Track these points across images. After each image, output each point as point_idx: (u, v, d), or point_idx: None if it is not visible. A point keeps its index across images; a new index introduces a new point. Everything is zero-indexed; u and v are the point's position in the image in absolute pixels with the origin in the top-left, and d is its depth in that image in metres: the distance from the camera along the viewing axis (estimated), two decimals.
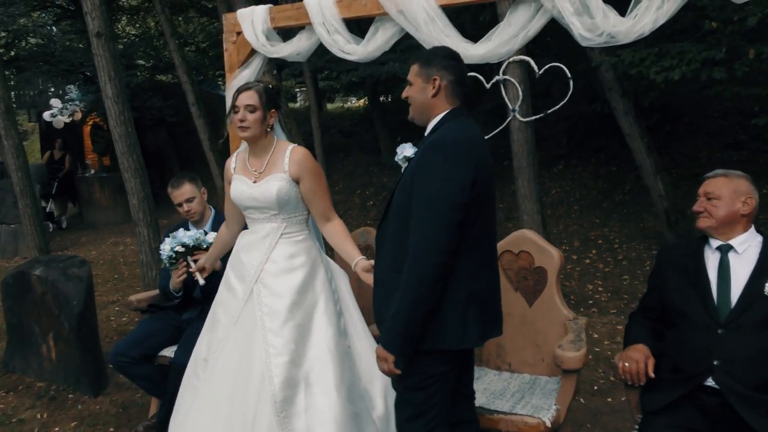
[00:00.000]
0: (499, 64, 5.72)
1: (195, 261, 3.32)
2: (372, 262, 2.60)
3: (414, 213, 2.18)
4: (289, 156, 2.85)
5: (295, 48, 3.81)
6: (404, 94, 2.46)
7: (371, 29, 3.60)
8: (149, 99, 12.66)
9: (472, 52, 3.32)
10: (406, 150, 2.44)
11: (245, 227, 3.01)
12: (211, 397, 2.66)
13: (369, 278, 2.55)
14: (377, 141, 14.40)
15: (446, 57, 2.39)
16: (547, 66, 5.60)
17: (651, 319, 2.58)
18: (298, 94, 23.32)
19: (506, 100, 5.53)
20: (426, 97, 2.36)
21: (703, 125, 12.10)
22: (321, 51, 3.98)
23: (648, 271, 7.00)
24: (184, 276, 3.40)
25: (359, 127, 18.95)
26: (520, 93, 5.46)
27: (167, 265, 3.43)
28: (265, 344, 2.64)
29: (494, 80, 5.51)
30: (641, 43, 7.72)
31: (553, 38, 9.65)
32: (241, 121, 2.77)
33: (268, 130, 2.88)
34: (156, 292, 3.85)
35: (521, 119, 5.53)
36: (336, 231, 2.88)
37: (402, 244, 2.23)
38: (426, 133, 2.41)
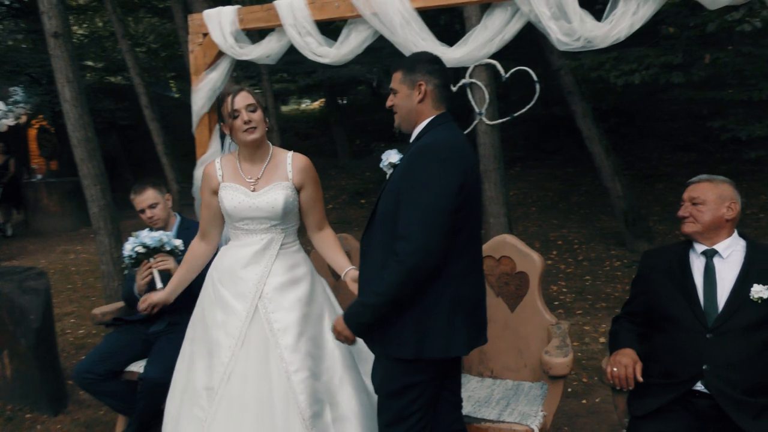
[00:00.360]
0: (465, 67, 5.73)
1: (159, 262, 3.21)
2: None
3: (403, 219, 2.13)
4: (291, 163, 2.76)
5: (265, 50, 3.72)
6: (389, 103, 2.42)
7: (344, 32, 3.53)
8: (100, 101, 12.27)
9: (448, 55, 3.29)
10: (392, 156, 2.38)
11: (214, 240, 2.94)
12: (234, 427, 2.51)
13: (357, 288, 2.49)
14: (335, 143, 14.34)
15: (430, 62, 2.37)
16: (513, 69, 5.63)
17: (636, 323, 2.59)
18: None
19: (473, 103, 5.52)
20: (412, 104, 2.33)
21: (654, 128, 12.46)
22: None
23: (609, 272, 7.15)
24: (149, 278, 3.25)
25: (316, 130, 18.83)
26: (487, 96, 5.46)
27: (129, 266, 3.28)
28: (282, 362, 2.53)
29: (461, 83, 5.50)
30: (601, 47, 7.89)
31: (512, 42, 9.77)
32: (247, 122, 2.62)
33: (266, 130, 2.77)
34: (121, 304, 3.68)
35: (488, 122, 5.53)
36: (329, 240, 2.82)
37: (389, 252, 2.18)
38: (411, 140, 2.37)
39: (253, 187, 2.66)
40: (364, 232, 2.42)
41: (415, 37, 3.33)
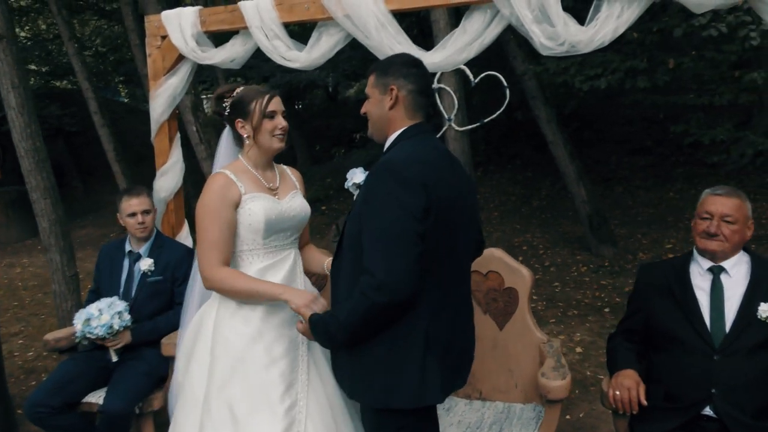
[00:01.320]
0: (433, 72, 5.61)
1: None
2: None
3: (366, 249, 1.88)
4: (291, 173, 2.56)
5: (229, 54, 3.50)
6: (363, 109, 2.18)
7: (314, 35, 3.35)
8: (46, 107, 11.72)
9: (426, 60, 3.14)
10: (356, 176, 2.17)
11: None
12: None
13: None
14: (293, 149, 14.07)
15: (405, 64, 2.10)
16: (483, 74, 5.53)
17: (634, 342, 2.48)
18: (205, 102, 22.51)
19: (441, 108, 5.40)
20: (383, 111, 2.08)
21: (611, 132, 12.61)
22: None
23: (576, 278, 7.12)
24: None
25: None
26: (456, 101, 5.35)
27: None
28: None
29: None
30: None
31: None
32: (283, 129, 2.35)
33: None
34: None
35: (457, 128, 5.41)
36: (311, 250, 2.62)
37: (354, 279, 1.95)
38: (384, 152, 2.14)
39: (276, 195, 2.39)
40: (334, 257, 2.20)
41: (390, 41, 3.17)
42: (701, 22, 4.94)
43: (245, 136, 2.35)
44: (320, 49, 3.32)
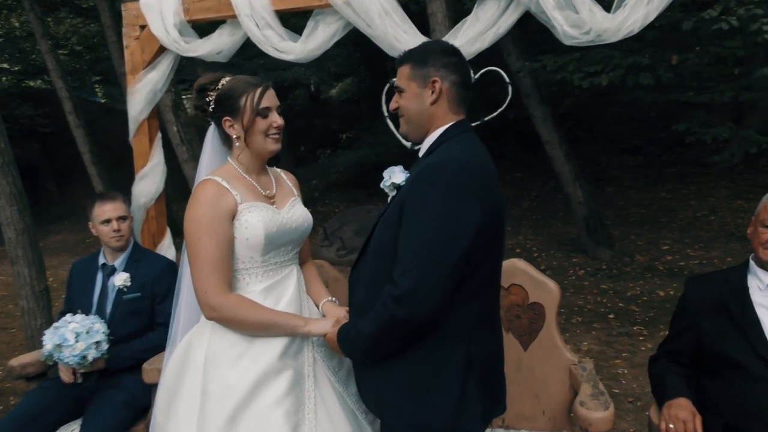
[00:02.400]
0: None
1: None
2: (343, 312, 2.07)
3: (402, 255, 1.67)
4: (286, 178, 2.26)
5: (216, 45, 3.20)
6: (393, 105, 1.93)
7: (310, 24, 3.06)
8: (18, 107, 11.26)
9: None
10: (395, 175, 1.88)
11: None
12: None
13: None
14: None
15: (445, 52, 1.87)
16: (483, 70, 5.25)
17: (681, 364, 2.21)
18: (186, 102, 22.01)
19: None
20: (423, 106, 1.84)
21: (601, 131, 12.43)
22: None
23: (575, 282, 6.87)
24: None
25: None
26: None
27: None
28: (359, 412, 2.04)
29: None
30: (561, 49, 7.65)
31: None
32: (278, 128, 2.05)
33: None
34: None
35: None
36: (311, 273, 2.28)
37: (382, 289, 1.73)
38: (421, 153, 1.89)
39: (274, 204, 2.08)
40: (354, 265, 1.95)
41: (395, 30, 2.89)
42: (711, 15, 4.71)
43: (234, 136, 2.02)
44: (317, 39, 3.03)
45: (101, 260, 2.95)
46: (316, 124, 15.11)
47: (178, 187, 8.83)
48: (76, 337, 2.61)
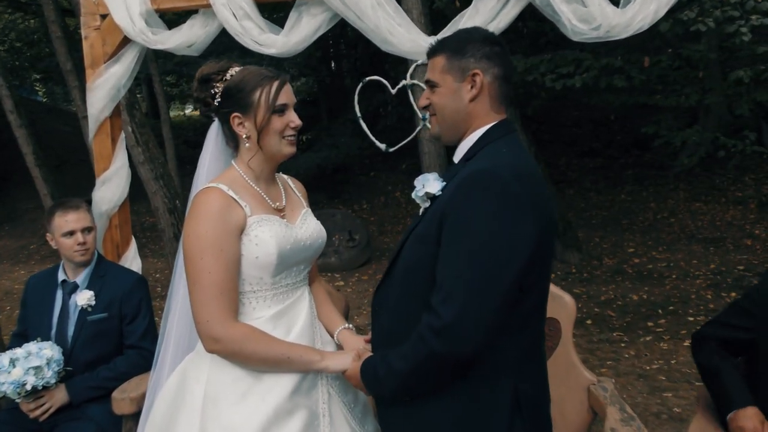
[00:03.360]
0: (406, 67, 5.13)
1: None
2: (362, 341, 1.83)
3: (443, 278, 1.45)
4: (294, 186, 1.99)
5: (187, 38, 2.92)
6: (423, 101, 1.69)
7: (293, 15, 2.82)
8: None
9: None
10: (430, 183, 1.62)
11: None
12: None
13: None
14: None
15: (487, 41, 1.63)
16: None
17: (730, 351, 2.08)
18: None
19: (415, 107, 4.92)
20: (461, 103, 1.62)
21: (560, 134, 12.50)
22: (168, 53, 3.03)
23: None
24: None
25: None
26: None
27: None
28: None
29: (401, 84, 4.87)
30: (532, 50, 7.57)
31: None
32: (296, 128, 1.78)
33: None
34: None
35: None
36: (320, 294, 2.01)
37: (412, 316, 1.52)
38: (458, 157, 1.66)
39: (285, 218, 1.81)
40: (378, 288, 1.72)
41: (389, 23, 2.68)
42: (690, 17, 4.66)
43: (244, 136, 1.75)
44: (301, 32, 2.79)
45: (61, 276, 2.61)
46: None
47: (133, 192, 8.39)
48: (11, 363, 2.29)
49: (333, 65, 12.59)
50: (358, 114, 4.99)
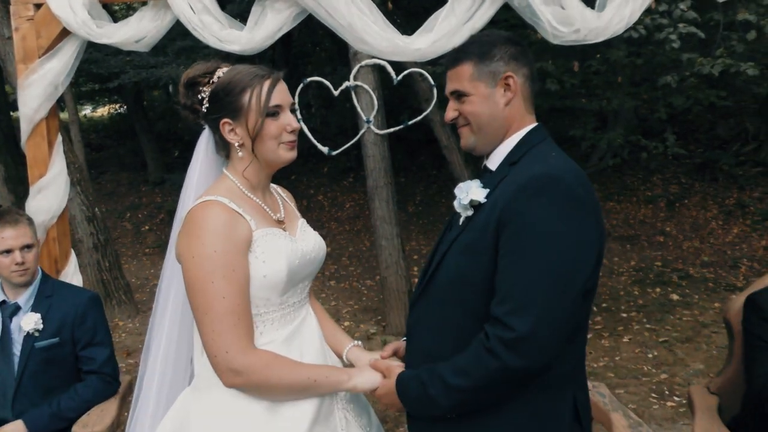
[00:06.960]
0: (348, 68, 5.01)
1: None
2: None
3: (511, 288, 1.37)
4: (285, 194, 1.82)
5: (136, 31, 2.69)
6: (450, 114, 1.59)
7: (256, 10, 2.65)
8: None
9: (411, 46, 2.58)
10: (474, 191, 1.50)
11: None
12: None
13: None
14: (139, 155, 12.60)
15: (510, 42, 1.57)
16: (406, 71, 5.03)
17: None
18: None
19: (359, 109, 4.81)
20: (497, 108, 1.54)
21: None
22: None
23: None
24: None
25: (110, 140, 16.57)
26: (375, 101, 4.78)
27: None
28: None
29: (344, 86, 4.77)
30: None
31: None
32: (294, 132, 1.59)
33: None
34: None
35: (377, 131, 4.85)
36: (318, 310, 1.83)
37: (460, 331, 1.44)
38: (495, 163, 1.56)
39: (286, 229, 1.63)
40: (413, 306, 1.61)
41: (363, 21, 2.55)
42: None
43: (236, 144, 1.57)
44: (266, 28, 2.62)
45: (0, 297, 2.31)
46: (179, 128, 14.13)
47: None
48: None
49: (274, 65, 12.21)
50: (299, 117, 4.81)
